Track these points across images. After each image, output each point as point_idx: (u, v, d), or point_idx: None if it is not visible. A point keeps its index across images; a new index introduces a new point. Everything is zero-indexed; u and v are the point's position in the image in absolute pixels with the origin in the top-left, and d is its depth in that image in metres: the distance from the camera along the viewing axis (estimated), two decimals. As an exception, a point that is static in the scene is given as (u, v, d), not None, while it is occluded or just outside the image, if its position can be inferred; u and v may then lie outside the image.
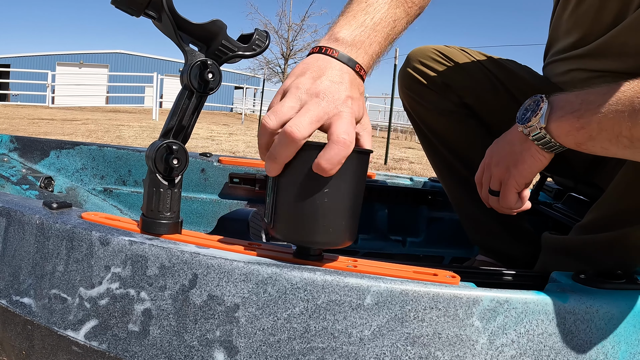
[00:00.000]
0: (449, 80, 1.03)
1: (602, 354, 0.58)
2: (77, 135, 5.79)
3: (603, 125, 0.55)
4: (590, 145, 0.58)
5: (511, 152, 0.69)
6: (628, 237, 0.75)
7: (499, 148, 0.73)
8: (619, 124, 0.53)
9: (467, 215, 1.14)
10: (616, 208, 0.77)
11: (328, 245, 0.58)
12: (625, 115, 0.52)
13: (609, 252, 0.78)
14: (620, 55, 0.84)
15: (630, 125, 0.52)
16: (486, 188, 0.77)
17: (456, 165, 1.09)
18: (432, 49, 1.07)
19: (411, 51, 1.09)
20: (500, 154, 0.72)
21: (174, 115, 0.63)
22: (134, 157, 1.33)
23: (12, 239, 0.64)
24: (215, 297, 0.55)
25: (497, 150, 0.73)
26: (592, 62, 0.91)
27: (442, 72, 1.03)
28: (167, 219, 0.63)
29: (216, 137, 6.80)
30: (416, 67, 1.06)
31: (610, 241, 0.77)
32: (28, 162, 1.27)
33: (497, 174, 0.72)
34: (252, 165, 1.36)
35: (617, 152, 0.56)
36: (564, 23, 0.98)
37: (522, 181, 0.69)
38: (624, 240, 0.76)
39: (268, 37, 0.66)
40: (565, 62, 0.99)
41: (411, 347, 0.54)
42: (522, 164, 0.67)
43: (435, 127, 1.08)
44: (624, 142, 0.54)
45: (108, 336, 0.57)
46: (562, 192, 1.38)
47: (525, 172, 0.68)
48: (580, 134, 0.58)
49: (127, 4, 0.58)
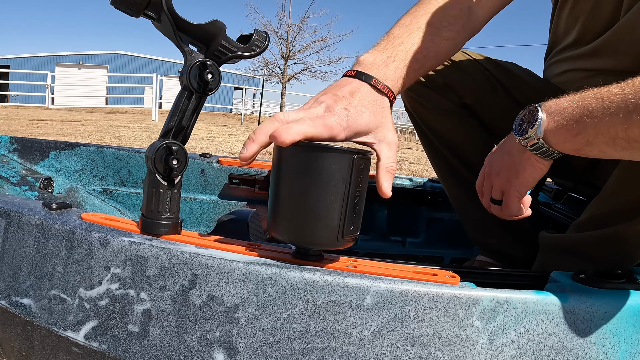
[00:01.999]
0: (449, 81, 1.04)
1: (602, 354, 0.58)
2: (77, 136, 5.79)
3: (599, 130, 0.55)
4: (589, 150, 0.58)
5: (510, 162, 0.70)
6: (623, 233, 0.76)
7: (498, 158, 0.73)
8: (614, 127, 0.53)
9: (467, 216, 1.14)
10: (611, 205, 0.78)
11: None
12: (619, 118, 0.52)
13: (604, 249, 0.79)
14: (615, 54, 0.85)
15: (626, 127, 0.52)
16: (487, 196, 0.77)
17: (457, 165, 1.09)
18: None
19: None
20: (499, 164, 0.72)
21: (173, 115, 0.63)
22: (134, 158, 1.33)
23: (12, 240, 0.64)
24: (215, 297, 0.55)
25: (496, 160, 0.74)
26: (589, 62, 0.92)
27: (443, 73, 1.04)
28: (167, 219, 0.63)
29: (216, 138, 6.80)
30: None
31: (606, 238, 0.78)
32: (27, 163, 1.27)
33: (498, 184, 0.73)
34: (252, 166, 1.36)
35: (615, 154, 0.56)
36: (562, 24, 0.99)
37: (523, 190, 0.70)
38: (620, 237, 0.77)
39: (267, 37, 0.66)
40: (563, 63, 1.00)
41: (411, 347, 0.54)
42: (523, 173, 0.68)
43: (436, 128, 1.09)
44: (621, 143, 0.54)
45: (108, 337, 0.57)
46: (561, 192, 1.38)
47: (526, 181, 0.68)
48: (577, 140, 0.58)
49: (127, 4, 0.58)
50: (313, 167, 0.55)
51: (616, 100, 0.53)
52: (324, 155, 0.54)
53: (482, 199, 0.80)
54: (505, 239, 1.10)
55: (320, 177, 0.54)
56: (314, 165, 0.55)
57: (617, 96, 0.54)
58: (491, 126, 1.09)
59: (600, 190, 0.84)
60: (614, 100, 0.54)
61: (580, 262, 0.82)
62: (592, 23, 0.89)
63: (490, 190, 0.76)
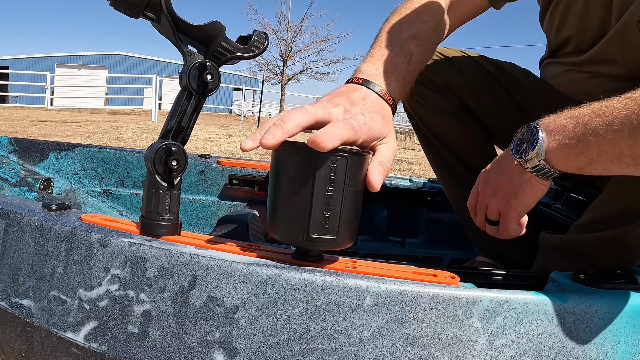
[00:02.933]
0: (448, 81, 1.04)
1: (601, 354, 0.58)
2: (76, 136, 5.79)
3: (603, 148, 0.53)
4: (592, 169, 0.56)
5: (509, 183, 0.67)
6: (624, 236, 0.76)
7: (495, 177, 0.70)
8: (619, 144, 0.52)
9: (467, 217, 1.14)
10: (612, 208, 0.78)
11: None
12: (624, 134, 0.51)
13: (605, 251, 0.79)
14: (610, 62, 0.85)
15: (631, 144, 0.50)
16: (482, 216, 0.74)
17: (456, 166, 1.10)
18: None
19: None
20: (496, 185, 0.69)
21: (173, 116, 0.63)
22: (133, 159, 1.33)
23: (12, 241, 0.64)
24: (215, 298, 0.55)
25: (494, 180, 0.70)
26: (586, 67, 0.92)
27: (442, 73, 1.04)
28: (167, 220, 0.63)
29: (215, 139, 6.80)
30: None
31: (607, 240, 0.78)
32: (27, 163, 1.27)
33: (495, 205, 0.70)
34: (251, 167, 1.36)
35: (620, 170, 0.54)
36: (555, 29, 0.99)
37: (523, 211, 0.67)
38: (621, 240, 0.76)
39: (267, 38, 0.66)
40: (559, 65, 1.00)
41: (411, 348, 0.54)
42: (523, 195, 0.65)
43: (435, 128, 1.09)
44: (626, 160, 0.52)
45: (108, 338, 0.57)
46: (561, 192, 1.38)
47: (527, 202, 0.66)
48: (580, 160, 0.56)
49: (126, 5, 0.58)
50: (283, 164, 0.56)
51: (619, 117, 0.52)
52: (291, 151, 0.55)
53: (474, 217, 0.77)
54: (504, 240, 1.10)
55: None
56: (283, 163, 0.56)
57: (620, 112, 0.52)
58: (490, 127, 1.09)
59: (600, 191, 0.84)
60: (617, 116, 0.52)
61: (581, 263, 0.82)
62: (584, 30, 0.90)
63: (484, 210, 0.73)
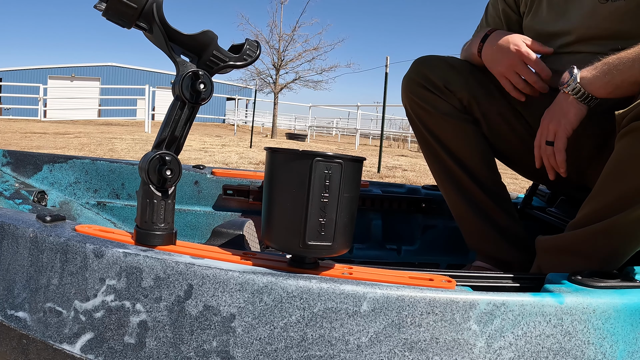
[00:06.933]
0: (450, 85, 1.07)
1: (600, 354, 0.58)
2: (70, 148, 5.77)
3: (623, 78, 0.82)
4: (618, 92, 0.84)
5: (560, 108, 0.92)
6: (613, 226, 0.79)
7: (551, 110, 0.95)
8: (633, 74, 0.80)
9: (465, 221, 1.15)
10: (602, 201, 0.81)
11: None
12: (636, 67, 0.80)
13: (595, 244, 0.81)
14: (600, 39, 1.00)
15: None
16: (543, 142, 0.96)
17: (456, 170, 1.10)
18: (435, 57, 1.12)
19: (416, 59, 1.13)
20: (553, 113, 0.94)
21: (166, 126, 0.63)
22: (127, 170, 1.33)
23: (6, 253, 0.64)
24: (211, 307, 0.55)
25: (550, 112, 0.95)
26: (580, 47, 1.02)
27: (445, 77, 1.07)
28: (161, 230, 0.62)
29: (209, 149, 6.79)
30: (420, 72, 1.10)
31: (596, 233, 0.80)
32: (21, 176, 1.26)
33: (552, 127, 0.93)
34: (246, 177, 1.36)
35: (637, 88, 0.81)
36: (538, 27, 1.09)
37: (570, 127, 0.90)
38: (609, 231, 0.79)
39: (259, 47, 0.67)
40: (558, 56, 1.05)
41: (409, 352, 0.54)
42: (569, 113, 0.90)
43: (437, 131, 1.10)
44: None
45: (104, 349, 0.57)
46: (554, 196, 1.38)
47: (572, 119, 0.89)
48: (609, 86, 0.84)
49: (119, 15, 0.58)
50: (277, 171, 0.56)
51: (631, 57, 0.81)
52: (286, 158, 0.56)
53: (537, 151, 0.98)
54: (501, 244, 1.11)
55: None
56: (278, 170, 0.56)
57: (631, 54, 0.81)
58: (489, 131, 1.10)
59: (592, 192, 0.85)
60: (629, 57, 0.81)
61: (575, 260, 0.83)
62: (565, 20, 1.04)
63: (545, 135, 0.95)
